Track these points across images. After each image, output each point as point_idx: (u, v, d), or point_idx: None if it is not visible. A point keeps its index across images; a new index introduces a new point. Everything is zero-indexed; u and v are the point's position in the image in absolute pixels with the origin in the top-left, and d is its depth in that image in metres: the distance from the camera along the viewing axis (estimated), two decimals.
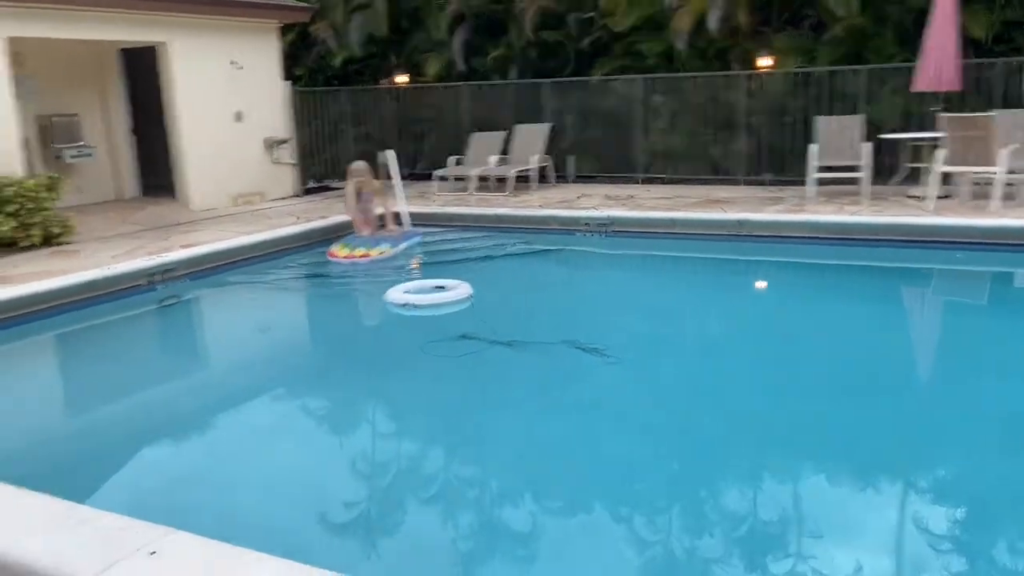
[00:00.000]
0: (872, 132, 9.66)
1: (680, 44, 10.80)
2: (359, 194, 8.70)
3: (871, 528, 3.18)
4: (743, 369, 5.02)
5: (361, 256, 7.92)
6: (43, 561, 2.43)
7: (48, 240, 8.21)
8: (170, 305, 6.71)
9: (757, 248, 7.82)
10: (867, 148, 9.09)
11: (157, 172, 11.17)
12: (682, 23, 10.59)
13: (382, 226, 8.77)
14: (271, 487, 3.63)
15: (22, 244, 7.96)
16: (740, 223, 8.06)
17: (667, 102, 11.22)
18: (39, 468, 3.78)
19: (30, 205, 7.93)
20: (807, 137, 10.07)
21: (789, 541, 3.13)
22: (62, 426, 4.57)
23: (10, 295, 6.07)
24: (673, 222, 8.40)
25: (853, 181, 9.45)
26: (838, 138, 9.44)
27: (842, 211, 8.22)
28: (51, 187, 8.22)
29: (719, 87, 10.80)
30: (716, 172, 11.12)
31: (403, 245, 8.31)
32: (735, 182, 10.81)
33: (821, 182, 9.38)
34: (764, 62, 10.40)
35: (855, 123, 9.52)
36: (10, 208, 7.77)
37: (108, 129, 11.24)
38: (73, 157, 10.37)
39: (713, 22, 10.51)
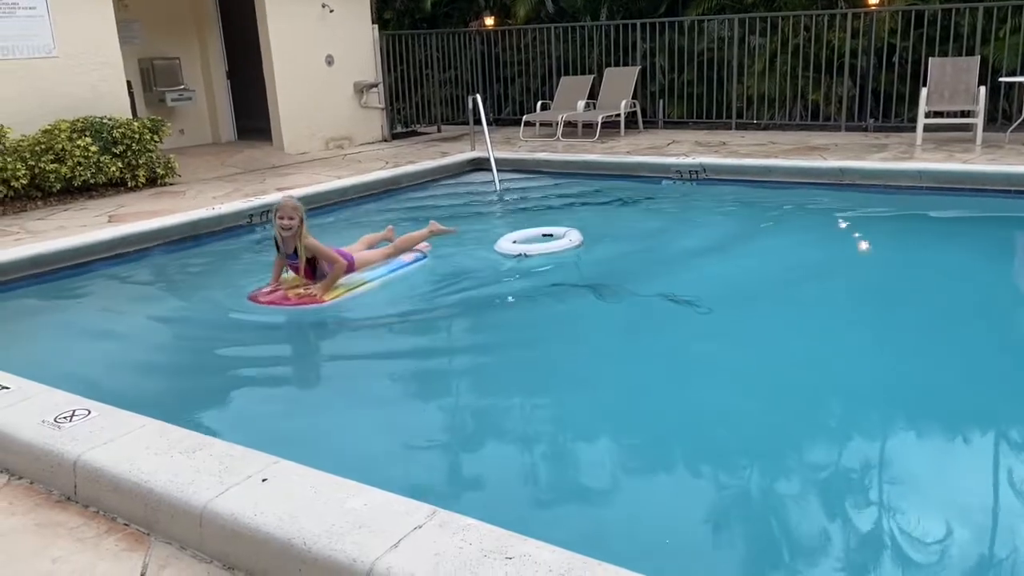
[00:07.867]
0: (988, 75, 9.05)
1: None
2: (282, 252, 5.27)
3: (959, 485, 3.07)
4: (840, 323, 4.83)
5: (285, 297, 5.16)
6: (160, 483, 2.52)
7: (153, 181, 8.56)
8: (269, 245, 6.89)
9: (860, 198, 7.46)
10: (982, 92, 8.53)
11: (251, 116, 11.43)
12: None
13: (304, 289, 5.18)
14: (364, 423, 3.73)
15: (129, 184, 8.32)
16: (842, 171, 7.71)
17: (765, 43, 10.75)
18: (153, 396, 3.98)
19: (136, 147, 8.25)
20: (915, 80, 9.52)
21: (871, 496, 3.05)
22: (173, 357, 4.78)
23: (122, 232, 6.37)
24: (769, 170, 8.09)
25: (966, 127, 8.93)
26: (952, 81, 8.89)
27: (953, 159, 7.76)
28: (155, 129, 8.51)
29: (822, 27, 10.26)
30: (815, 117, 10.65)
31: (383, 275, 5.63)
32: (835, 128, 10.33)
33: (930, 128, 8.88)
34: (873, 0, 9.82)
35: (971, 65, 8.92)
36: (117, 149, 8.10)
37: (206, 73, 11.52)
38: (174, 100, 10.70)
39: None
